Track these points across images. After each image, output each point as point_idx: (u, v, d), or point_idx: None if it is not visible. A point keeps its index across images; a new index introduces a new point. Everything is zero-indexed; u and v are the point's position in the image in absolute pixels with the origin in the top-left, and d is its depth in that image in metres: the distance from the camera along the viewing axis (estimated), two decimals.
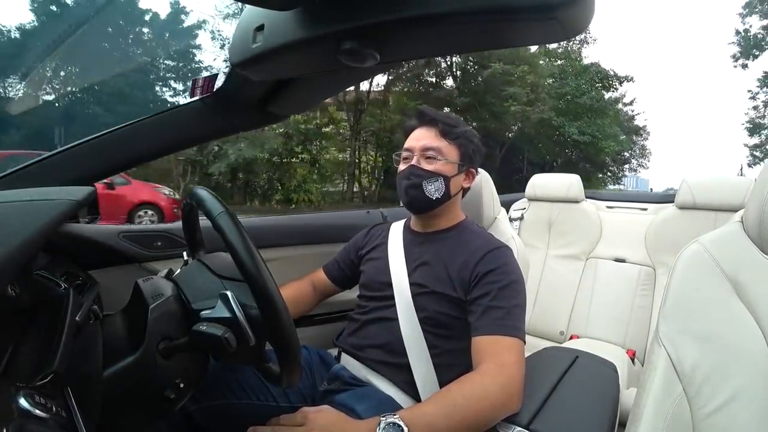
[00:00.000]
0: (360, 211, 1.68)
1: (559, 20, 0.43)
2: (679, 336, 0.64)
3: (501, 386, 0.74)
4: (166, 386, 0.65)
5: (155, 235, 1.19)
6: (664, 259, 1.78)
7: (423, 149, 0.96)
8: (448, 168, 0.96)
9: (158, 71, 10.23)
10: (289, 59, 0.62)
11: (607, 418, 0.76)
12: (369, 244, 1.11)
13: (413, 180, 0.95)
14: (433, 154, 0.95)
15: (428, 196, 0.95)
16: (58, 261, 0.92)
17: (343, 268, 1.13)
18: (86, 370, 0.59)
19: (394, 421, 0.68)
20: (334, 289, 1.15)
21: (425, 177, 0.94)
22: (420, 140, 0.97)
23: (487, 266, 0.88)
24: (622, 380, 1.34)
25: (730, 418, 0.59)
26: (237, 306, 0.63)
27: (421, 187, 0.94)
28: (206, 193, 0.68)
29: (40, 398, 0.45)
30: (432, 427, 0.69)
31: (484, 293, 0.85)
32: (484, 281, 0.87)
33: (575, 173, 2.14)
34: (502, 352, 0.78)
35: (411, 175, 0.95)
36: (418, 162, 0.96)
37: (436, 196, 0.95)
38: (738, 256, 0.65)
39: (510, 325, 0.81)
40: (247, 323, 0.62)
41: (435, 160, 0.95)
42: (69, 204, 0.56)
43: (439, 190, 0.95)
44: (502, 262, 0.89)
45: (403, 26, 0.49)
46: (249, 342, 0.62)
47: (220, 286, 0.68)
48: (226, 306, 0.63)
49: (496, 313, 0.82)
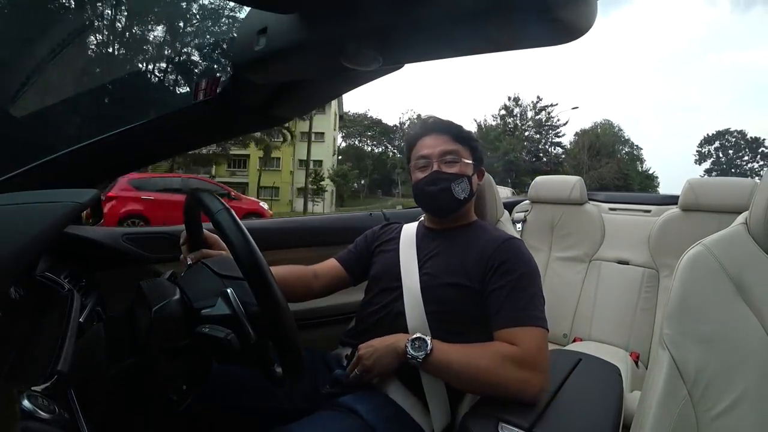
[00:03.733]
0: (362, 213, 1.68)
1: (561, 21, 0.43)
2: (684, 338, 0.64)
3: (520, 366, 0.77)
4: (169, 388, 0.65)
5: (158, 238, 1.20)
6: (668, 261, 1.77)
7: (442, 154, 0.98)
8: (467, 168, 1.00)
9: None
10: (291, 62, 0.62)
11: (611, 421, 0.75)
12: (383, 237, 1.12)
13: (441, 184, 0.97)
14: (454, 158, 0.98)
15: (457, 198, 0.97)
16: (62, 263, 0.92)
17: (357, 256, 1.13)
18: (89, 371, 0.59)
19: (424, 338, 0.82)
20: (345, 278, 1.11)
21: (452, 179, 0.97)
22: (436, 146, 0.99)
23: (502, 256, 0.90)
24: (626, 383, 1.33)
25: (736, 421, 0.58)
26: (237, 303, 0.63)
27: (450, 190, 0.97)
28: (206, 192, 0.68)
29: (44, 399, 0.45)
30: (448, 363, 0.80)
31: (501, 285, 0.86)
32: (500, 271, 0.88)
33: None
34: (526, 340, 0.80)
35: (438, 180, 0.97)
36: (439, 167, 0.98)
37: (464, 196, 0.98)
38: (742, 258, 0.64)
39: (530, 315, 0.83)
40: (247, 320, 0.62)
41: (455, 163, 0.98)
42: (72, 206, 0.57)
43: (465, 190, 0.98)
44: (517, 252, 0.91)
45: (405, 29, 0.49)
46: (249, 339, 0.62)
47: (221, 284, 0.68)
48: (226, 303, 0.63)
49: (516, 305, 0.84)
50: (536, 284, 0.89)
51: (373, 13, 0.48)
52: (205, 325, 0.62)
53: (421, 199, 1.01)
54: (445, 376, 0.83)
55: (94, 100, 1.07)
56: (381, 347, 0.86)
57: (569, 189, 2.05)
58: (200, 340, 0.62)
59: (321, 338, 1.38)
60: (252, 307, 0.63)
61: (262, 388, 0.89)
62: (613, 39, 62.25)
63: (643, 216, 2.06)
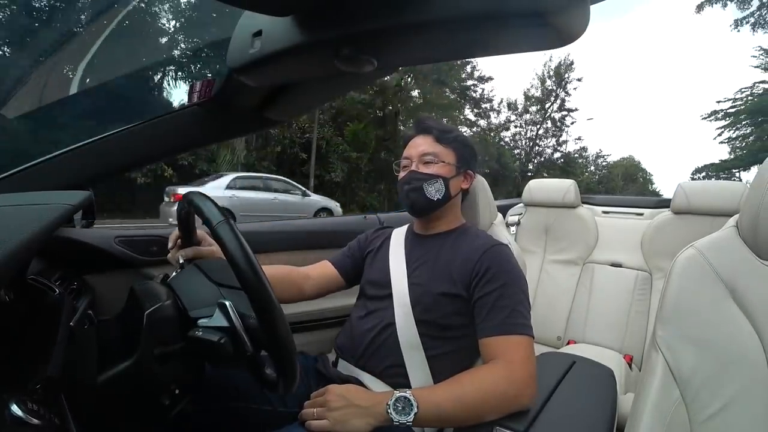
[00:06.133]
0: (357, 217, 1.68)
1: (553, 26, 0.43)
2: (677, 341, 0.64)
3: (510, 381, 0.75)
4: (162, 392, 0.65)
5: (150, 240, 1.19)
6: (661, 263, 1.79)
7: (421, 155, 0.99)
8: (446, 170, 0.99)
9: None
10: (286, 65, 0.62)
11: (605, 423, 0.76)
12: (374, 243, 1.11)
13: (414, 184, 0.97)
14: (431, 159, 0.99)
15: (429, 198, 0.97)
16: (53, 265, 0.91)
17: (351, 260, 1.13)
18: (80, 375, 0.58)
19: (406, 396, 0.75)
20: (339, 281, 1.11)
21: (425, 179, 0.97)
22: (417, 147, 1.00)
23: (487, 263, 0.89)
24: (620, 385, 1.34)
25: (728, 423, 0.59)
26: (236, 316, 0.62)
27: (422, 190, 0.97)
28: (205, 199, 0.66)
29: (33, 405, 0.44)
30: (439, 409, 0.74)
31: (486, 293, 0.86)
32: (485, 279, 0.87)
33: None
34: (511, 350, 0.79)
35: (411, 180, 0.98)
36: (417, 167, 0.99)
37: (437, 197, 0.97)
38: (734, 261, 0.65)
39: (516, 323, 0.82)
40: (245, 333, 0.62)
41: (433, 163, 0.99)
42: (65, 208, 0.56)
43: (440, 191, 0.98)
44: (502, 259, 0.90)
45: (399, 33, 0.49)
46: (247, 352, 0.62)
47: (218, 294, 0.68)
48: (224, 315, 0.63)
49: (501, 313, 0.83)
50: (522, 291, 0.88)
51: (368, 16, 0.48)
52: (198, 328, 0.62)
53: (400, 198, 1.02)
54: (437, 422, 0.77)
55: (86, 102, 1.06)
56: (353, 405, 0.76)
57: (563, 192, 2.07)
58: (193, 343, 0.61)
59: (314, 342, 1.37)
60: (250, 320, 0.63)
61: (254, 392, 0.89)
62: (619, 40, 62.31)
63: (636, 219, 2.08)
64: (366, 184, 15.72)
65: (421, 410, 0.73)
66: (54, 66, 0.97)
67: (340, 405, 0.76)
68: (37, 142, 0.99)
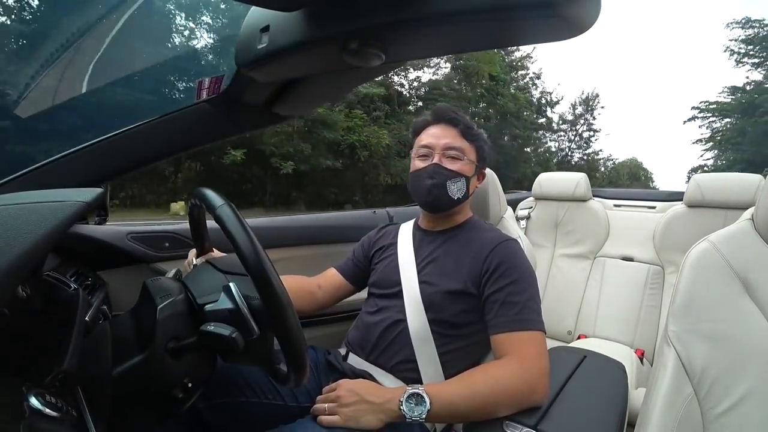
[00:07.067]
0: (366, 211, 1.68)
1: (563, 17, 0.42)
2: (689, 335, 0.64)
3: (522, 379, 0.75)
4: (175, 386, 0.66)
5: (163, 236, 1.20)
6: (673, 257, 1.76)
7: (445, 147, 0.94)
8: (468, 168, 0.96)
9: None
10: (294, 60, 0.62)
11: (616, 418, 0.75)
12: (380, 242, 1.10)
13: (437, 179, 0.93)
14: (457, 154, 0.94)
15: (451, 196, 0.94)
16: (68, 262, 0.93)
17: (356, 265, 1.12)
18: (96, 369, 0.60)
19: (419, 392, 0.74)
20: (348, 287, 1.12)
21: (450, 177, 0.93)
22: (441, 138, 0.95)
23: (497, 259, 0.88)
24: (631, 380, 1.33)
25: (742, 418, 0.58)
26: (239, 297, 0.63)
27: (445, 187, 0.93)
28: (208, 190, 0.68)
29: (51, 397, 0.45)
30: (452, 406, 0.74)
31: (497, 289, 0.85)
32: (495, 275, 0.86)
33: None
34: (523, 346, 0.79)
35: (435, 174, 0.93)
36: (440, 160, 0.94)
37: (458, 196, 0.95)
38: (748, 255, 0.64)
39: (527, 318, 0.81)
40: (250, 314, 0.63)
41: (458, 160, 0.94)
42: (79, 205, 0.57)
43: (461, 190, 0.95)
44: (512, 255, 0.89)
45: (408, 26, 0.49)
46: (252, 334, 0.62)
47: (224, 280, 0.69)
48: (228, 297, 0.64)
49: (512, 309, 0.82)
50: (532, 286, 0.87)
51: (375, 9, 0.48)
52: (210, 323, 0.62)
53: (416, 190, 0.97)
54: (449, 418, 0.79)
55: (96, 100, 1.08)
56: (365, 401, 0.76)
57: (574, 185, 2.04)
58: (205, 337, 0.62)
59: (325, 336, 1.38)
60: (254, 301, 0.64)
61: (266, 386, 0.90)
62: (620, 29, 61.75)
63: (648, 212, 2.05)
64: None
65: (434, 406, 0.73)
66: (65, 65, 0.98)
67: (352, 401, 0.76)
68: (51, 141, 1.00)
